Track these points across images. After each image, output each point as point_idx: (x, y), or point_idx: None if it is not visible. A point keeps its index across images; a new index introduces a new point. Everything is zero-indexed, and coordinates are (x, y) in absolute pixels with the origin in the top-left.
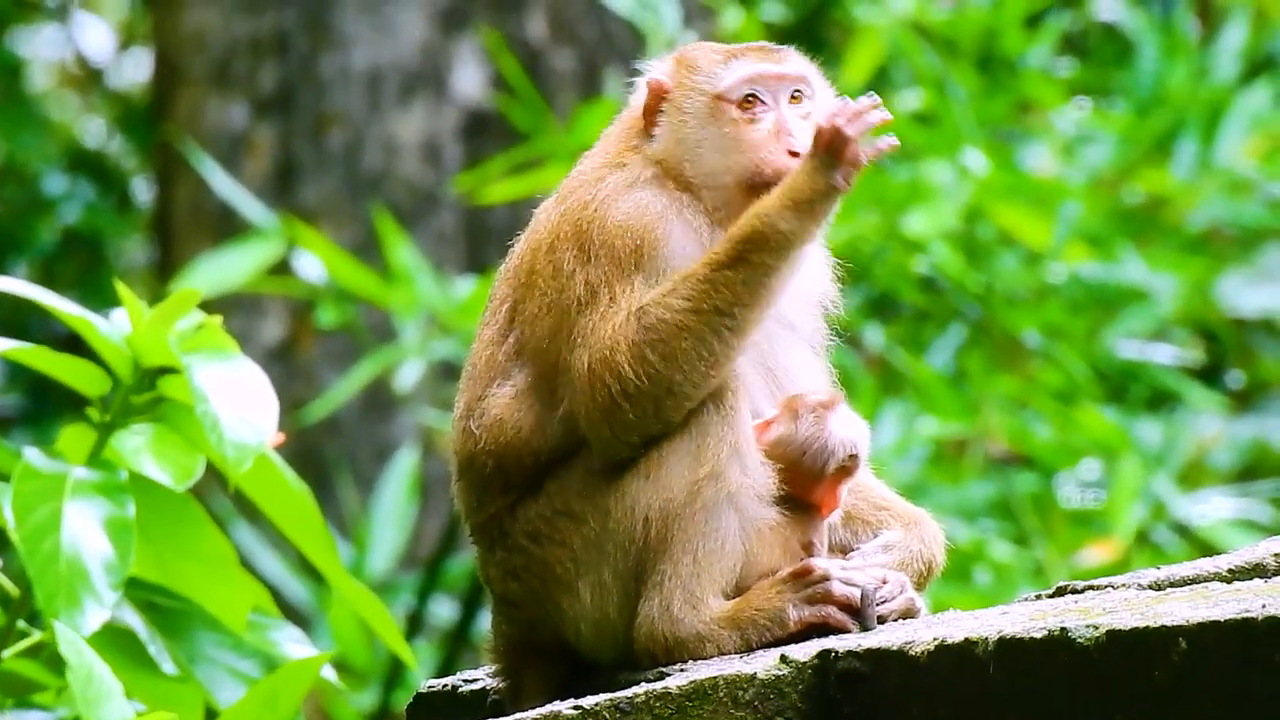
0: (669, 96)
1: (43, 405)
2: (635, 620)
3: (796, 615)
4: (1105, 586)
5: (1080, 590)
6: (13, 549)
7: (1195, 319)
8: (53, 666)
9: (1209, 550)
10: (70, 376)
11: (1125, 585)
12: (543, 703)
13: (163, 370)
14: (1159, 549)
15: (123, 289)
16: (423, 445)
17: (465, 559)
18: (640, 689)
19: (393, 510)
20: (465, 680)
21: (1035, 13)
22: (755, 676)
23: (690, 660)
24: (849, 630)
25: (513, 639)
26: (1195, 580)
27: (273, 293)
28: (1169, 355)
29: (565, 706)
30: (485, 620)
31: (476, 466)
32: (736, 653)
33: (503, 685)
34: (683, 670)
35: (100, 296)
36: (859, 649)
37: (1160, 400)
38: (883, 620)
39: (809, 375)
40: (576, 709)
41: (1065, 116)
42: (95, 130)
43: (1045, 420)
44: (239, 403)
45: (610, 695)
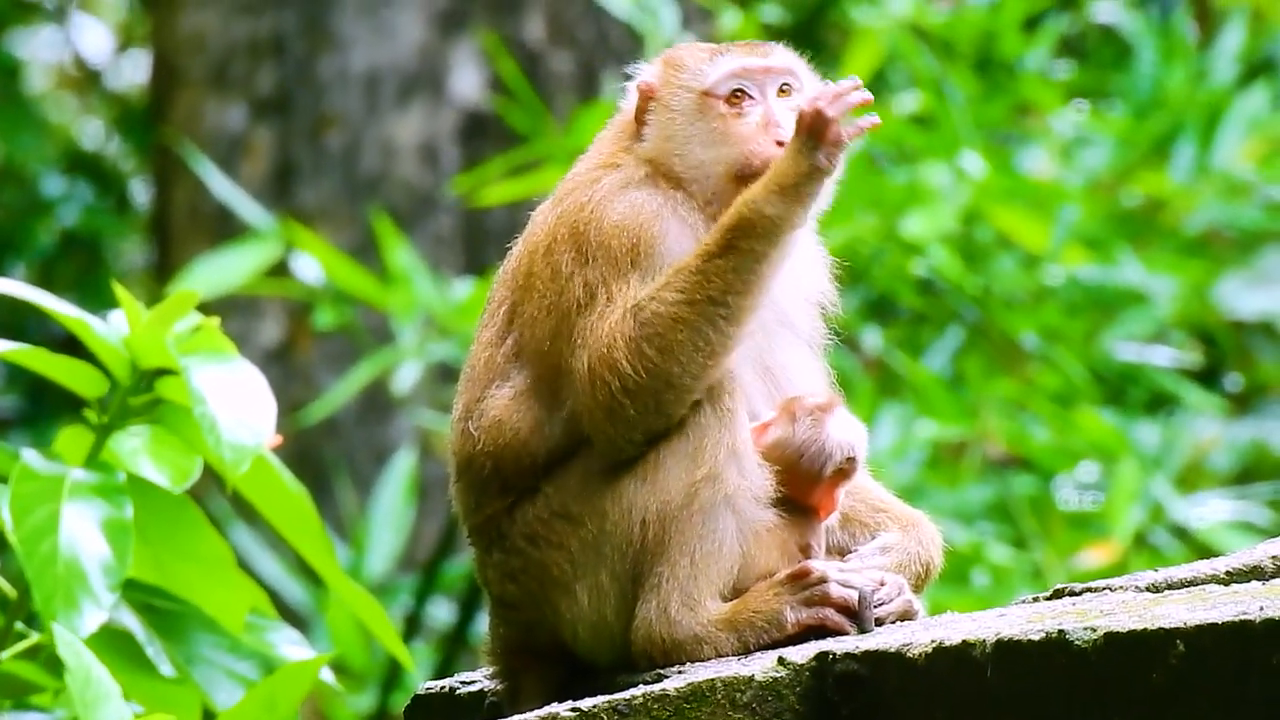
0: (657, 96)
1: (40, 407)
2: (633, 622)
3: (794, 617)
4: (1103, 589)
5: (1078, 592)
6: (10, 550)
7: (1193, 321)
8: (51, 668)
9: (1207, 552)
10: (68, 378)
11: (1123, 587)
12: (540, 705)
13: (160, 372)
14: (1157, 551)
15: (120, 290)
16: (421, 447)
17: (463, 561)
18: (638, 691)
19: (391, 512)
20: (463, 682)
21: (1033, 15)
22: (753, 678)
23: (688, 662)
24: (847, 632)
25: (510, 641)
26: (1193, 582)
27: (271, 294)
28: (1167, 358)
29: (563, 708)
30: (483, 622)
31: (475, 468)
32: (734, 655)
33: (500, 687)
34: (680, 672)
35: (98, 298)
36: (857, 651)
37: (1158, 403)
38: (880, 622)
39: (807, 374)
40: (574, 711)
41: (1063, 119)
42: (93, 132)
43: (1043, 423)
44: (237, 404)
45: (608, 697)
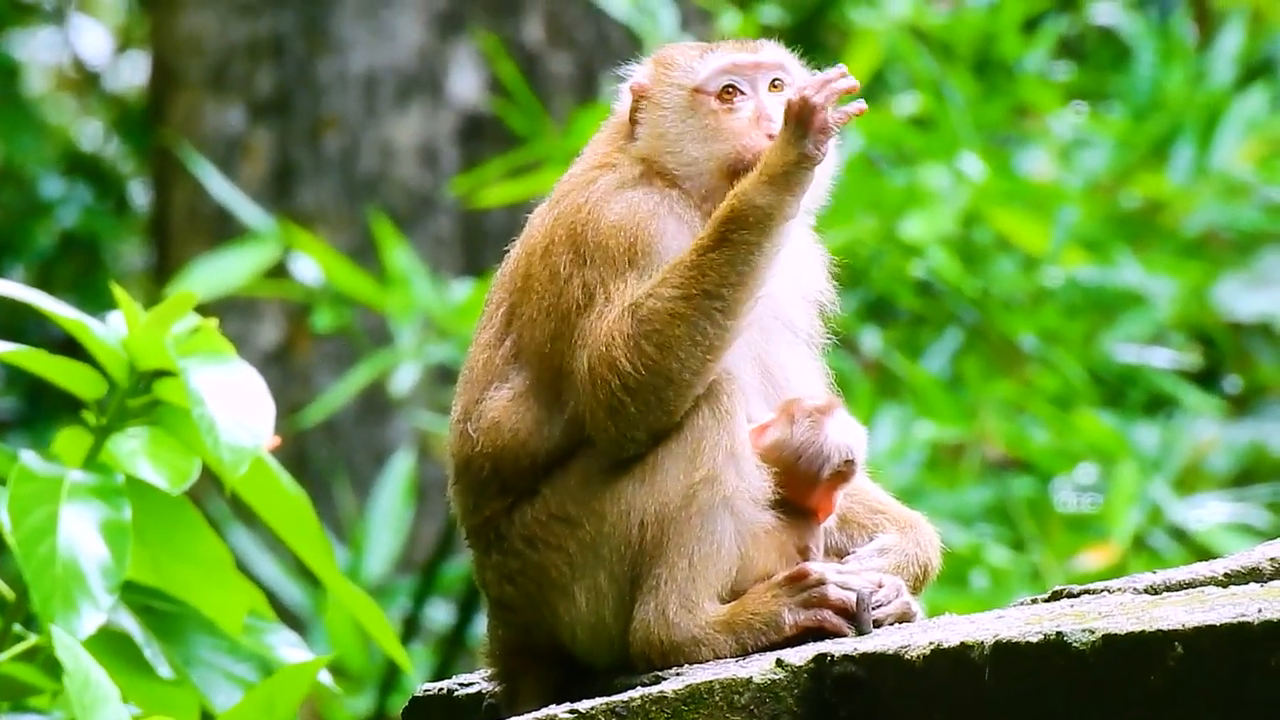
0: (649, 95)
1: (39, 408)
2: (631, 624)
3: (792, 619)
4: (1101, 591)
5: (1076, 594)
6: (9, 552)
7: (1192, 323)
8: (49, 670)
9: (1205, 554)
10: (66, 379)
11: (1121, 589)
12: (539, 707)
13: (159, 373)
14: (1155, 553)
15: (119, 292)
16: (419, 449)
17: (461, 563)
18: (636, 693)
19: (389, 514)
20: (461, 684)
21: (1032, 17)
22: (751, 680)
23: (686, 664)
24: (845, 634)
25: (509, 643)
26: (1191, 584)
27: (269, 296)
28: (1166, 360)
29: (561, 710)
30: (481, 624)
31: (473, 470)
32: (732, 657)
33: (499, 689)
34: (678, 674)
35: (97, 300)
36: (855, 653)
37: (1157, 405)
38: (878, 624)
39: (806, 375)
40: (572, 713)
41: (1062, 121)
42: (92, 133)
43: (1042, 425)
44: (235, 406)
45: (606, 699)
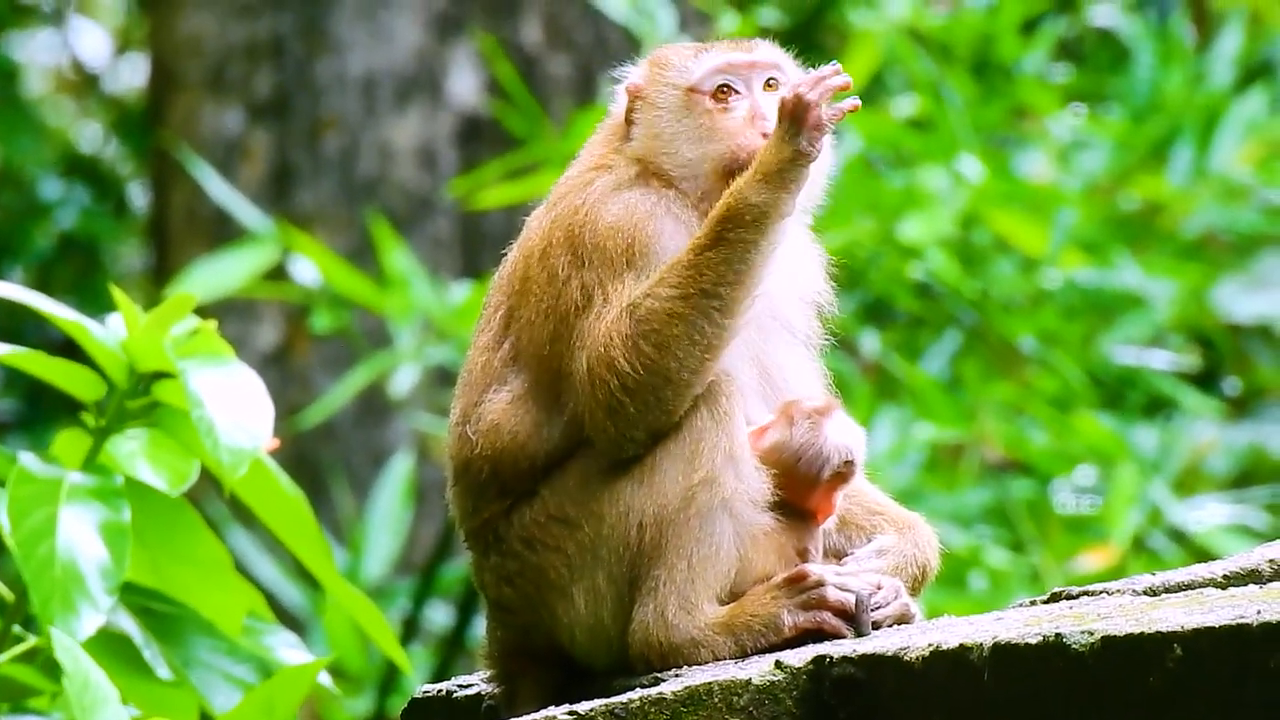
0: (644, 96)
1: (38, 410)
2: (630, 626)
3: (791, 621)
4: (1100, 592)
5: (1075, 596)
6: (8, 554)
7: (1191, 325)
8: (48, 671)
9: (1204, 556)
10: (65, 381)
11: (1120, 591)
12: (537, 708)
13: (158, 375)
14: (1155, 555)
15: (118, 294)
16: (418, 450)
17: (460, 564)
18: (635, 694)
19: (388, 515)
20: (460, 685)
21: (1031, 18)
22: (750, 682)
23: (685, 666)
24: (844, 636)
25: (508, 644)
26: (1190, 586)
27: (268, 298)
28: (1165, 361)
29: (560, 712)
30: (480, 626)
31: (472, 472)
32: (731, 658)
33: (498, 691)
34: (678, 676)
35: (96, 301)
36: (854, 655)
37: (1156, 406)
38: (878, 626)
39: (804, 375)
40: (571, 714)
41: (1061, 123)
42: (91, 135)
43: (1041, 426)
44: (234, 408)
45: (605, 701)
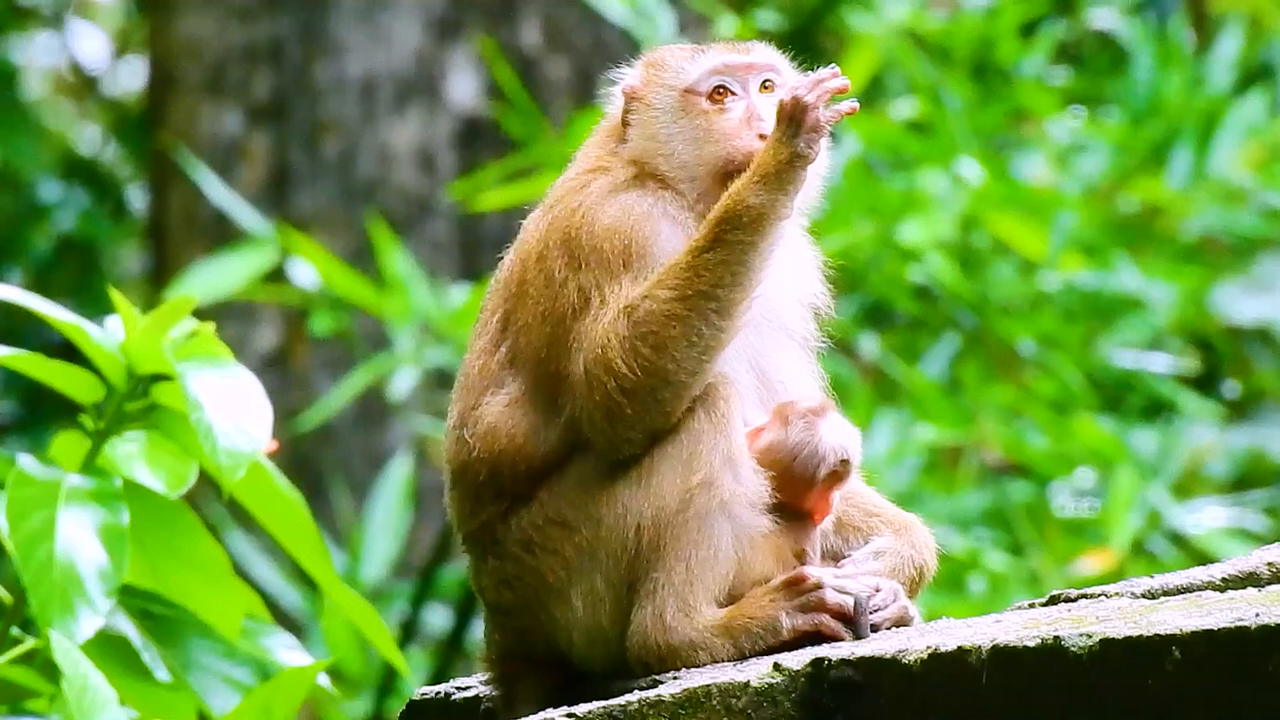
0: (640, 97)
1: (37, 412)
2: (628, 628)
3: (790, 623)
4: (1099, 595)
5: (1074, 599)
6: (6, 556)
7: (1190, 328)
8: (46, 673)
9: (1203, 559)
10: (64, 383)
11: (1119, 594)
12: (536, 711)
13: (157, 377)
14: (1154, 558)
15: (117, 296)
16: (416, 453)
17: (459, 567)
18: (633, 697)
19: (386, 518)
20: (458, 688)
21: (1030, 21)
22: (748, 684)
23: (683, 668)
24: (842, 638)
25: (506, 647)
26: (1189, 589)
27: (267, 300)
28: (1164, 364)
29: (558, 714)
30: (478, 629)
31: (470, 475)
32: (730, 661)
33: (496, 693)
34: (676, 678)
35: (95, 304)
36: (852, 657)
37: (1155, 409)
38: (876, 628)
39: (800, 377)
40: (569, 717)
41: (1060, 125)
42: (90, 138)
43: (1040, 429)
44: (233, 410)
45: (603, 703)
